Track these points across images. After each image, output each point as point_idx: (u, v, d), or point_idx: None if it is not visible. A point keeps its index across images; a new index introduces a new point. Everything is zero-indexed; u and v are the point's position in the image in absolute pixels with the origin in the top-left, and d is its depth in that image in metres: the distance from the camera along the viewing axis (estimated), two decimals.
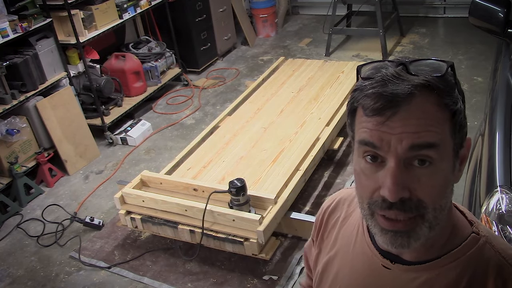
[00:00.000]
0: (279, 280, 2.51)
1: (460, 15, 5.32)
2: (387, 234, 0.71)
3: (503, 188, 1.61)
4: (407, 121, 0.65)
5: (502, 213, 1.56)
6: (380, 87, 0.67)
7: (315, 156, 2.94)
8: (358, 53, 5.00)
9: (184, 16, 4.64)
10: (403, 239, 0.70)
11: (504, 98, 2.08)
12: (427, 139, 0.65)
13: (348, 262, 0.87)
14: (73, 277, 2.72)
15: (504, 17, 2.37)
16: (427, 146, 0.66)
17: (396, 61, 0.70)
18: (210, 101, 4.46)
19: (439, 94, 0.67)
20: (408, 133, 0.65)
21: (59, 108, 3.54)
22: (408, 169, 0.67)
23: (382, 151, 0.68)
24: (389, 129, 0.66)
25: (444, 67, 0.69)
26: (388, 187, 0.66)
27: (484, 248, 0.75)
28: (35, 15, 3.32)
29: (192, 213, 2.56)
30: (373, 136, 0.68)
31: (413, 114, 0.65)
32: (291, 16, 6.22)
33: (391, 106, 0.66)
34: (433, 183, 0.67)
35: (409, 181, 0.67)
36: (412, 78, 0.67)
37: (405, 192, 0.67)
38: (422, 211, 0.68)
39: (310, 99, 3.54)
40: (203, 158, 3.04)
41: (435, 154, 0.66)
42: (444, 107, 0.67)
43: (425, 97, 0.66)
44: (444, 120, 0.67)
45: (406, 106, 0.65)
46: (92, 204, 3.30)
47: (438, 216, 0.70)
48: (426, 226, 0.69)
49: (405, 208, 0.68)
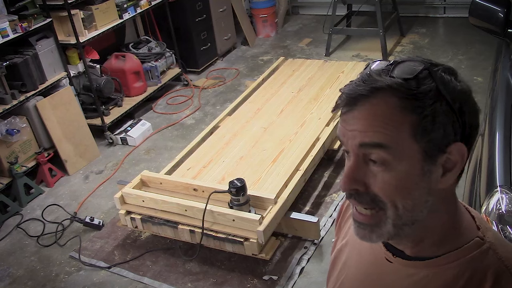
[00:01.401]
0: (279, 280, 2.51)
1: (460, 15, 5.32)
2: (355, 224, 0.76)
3: (503, 188, 1.61)
4: (358, 120, 0.70)
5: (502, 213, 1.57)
6: (347, 87, 0.72)
7: (315, 156, 2.94)
8: (358, 53, 5.00)
9: (184, 16, 4.64)
10: (365, 231, 0.74)
11: (504, 98, 2.08)
12: (374, 139, 0.69)
13: (356, 252, 0.90)
14: (73, 277, 2.72)
15: (504, 17, 2.37)
16: (374, 145, 0.69)
17: (392, 61, 0.73)
18: (210, 101, 4.46)
19: (401, 97, 0.68)
20: (358, 132, 0.70)
21: (59, 108, 3.54)
22: (367, 164, 0.71)
23: (344, 146, 0.73)
24: (346, 125, 0.72)
25: (417, 70, 0.70)
26: (342, 178, 0.73)
27: (486, 253, 0.75)
28: (35, 15, 3.32)
29: (192, 213, 2.56)
30: (340, 131, 0.74)
31: (364, 114, 0.69)
32: (291, 16, 6.22)
33: (347, 104, 0.71)
34: (387, 181, 0.70)
35: (365, 176, 0.71)
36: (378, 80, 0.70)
37: (357, 185, 0.71)
38: (382, 206, 0.71)
39: (310, 99, 3.54)
40: (203, 158, 3.04)
41: (386, 154, 0.69)
42: (405, 110, 0.68)
43: (383, 99, 0.69)
44: (401, 122, 0.68)
45: (360, 106, 0.69)
46: (92, 204, 3.30)
47: (402, 215, 0.71)
48: (389, 223, 0.72)
49: (361, 200, 0.72)
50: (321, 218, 2.85)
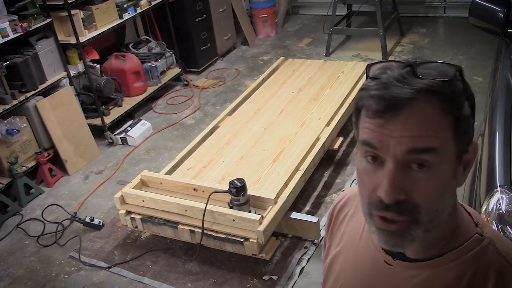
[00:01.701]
0: (279, 280, 2.51)
1: (460, 15, 5.32)
2: (382, 234, 0.72)
3: (503, 188, 1.61)
4: (406, 125, 0.66)
5: (502, 213, 1.57)
6: (383, 89, 0.68)
7: (315, 156, 2.94)
8: (358, 53, 5.00)
9: (184, 16, 4.64)
10: (397, 239, 0.71)
11: (504, 98, 2.08)
12: (426, 143, 0.66)
13: (352, 258, 0.88)
14: (73, 277, 2.72)
15: (504, 17, 2.37)
16: (425, 150, 0.66)
17: (405, 62, 0.70)
18: (210, 101, 4.46)
19: (443, 99, 0.67)
20: (407, 137, 0.66)
21: (59, 108, 3.54)
22: (407, 171, 0.68)
23: (381, 152, 0.69)
24: (388, 131, 0.67)
25: (452, 71, 0.68)
26: (385, 188, 0.68)
27: (487, 249, 0.75)
28: (35, 15, 3.32)
29: (192, 213, 2.56)
30: (373, 138, 0.69)
31: (413, 118, 0.66)
32: (291, 16, 6.22)
33: (392, 109, 0.66)
34: (431, 186, 0.68)
35: (406, 184, 0.68)
36: (416, 81, 0.67)
37: (401, 194, 0.68)
38: (416, 216, 0.69)
39: (310, 99, 3.54)
40: (203, 158, 3.04)
41: (434, 158, 0.67)
42: (447, 112, 0.67)
43: (428, 101, 0.66)
44: (446, 125, 0.67)
45: (407, 110, 0.66)
46: (92, 204, 3.30)
47: (434, 219, 0.70)
48: (421, 230, 0.70)
49: (400, 210, 0.69)
50: (321, 218, 2.85)
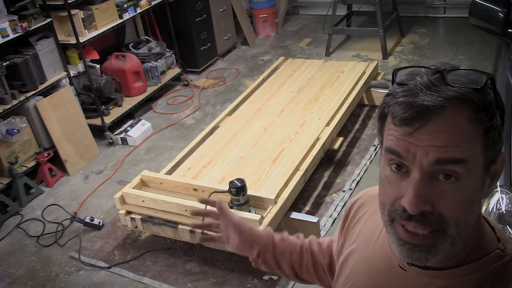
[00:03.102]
0: (279, 280, 2.51)
1: (460, 15, 5.32)
2: (404, 246, 0.70)
3: (503, 188, 1.61)
4: (435, 134, 0.63)
5: (502, 213, 1.57)
6: (411, 96, 0.65)
7: (315, 156, 2.94)
8: (358, 53, 5.00)
9: (184, 16, 4.64)
10: (421, 253, 0.69)
11: (504, 98, 2.08)
12: (454, 154, 0.63)
13: (366, 258, 0.87)
14: (73, 277, 2.72)
15: (504, 17, 2.37)
16: (453, 161, 0.64)
17: (434, 68, 0.68)
18: (210, 101, 4.46)
19: (473, 108, 0.64)
20: (435, 147, 0.64)
21: (59, 108, 3.54)
22: (433, 182, 0.65)
23: (407, 162, 0.66)
24: (416, 140, 0.64)
25: (483, 80, 0.66)
26: (410, 199, 0.65)
27: (508, 267, 0.72)
28: (35, 15, 3.32)
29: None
30: (399, 146, 0.66)
31: (442, 127, 0.63)
32: (291, 16, 6.22)
33: (420, 117, 0.64)
34: (458, 199, 0.65)
35: (432, 195, 0.65)
36: (446, 89, 0.64)
37: (426, 205, 0.66)
38: (444, 226, 0.67)
39: (310, 99, 3.54)
40: (203, 158, 3.03)
41: (463, 170, 0.64)
42: (477, 122, 0.64)
43: (458, 110, 0.64)
44: (475, 135, 0.64)
45: (436, 119, 0.63)
46: (92, 204, 3.30)
47: (461, 232, 0.68)
48: (448, 242, 0.68)
49: (425, 221, 0.66)
50: (321, 218, 2.85)
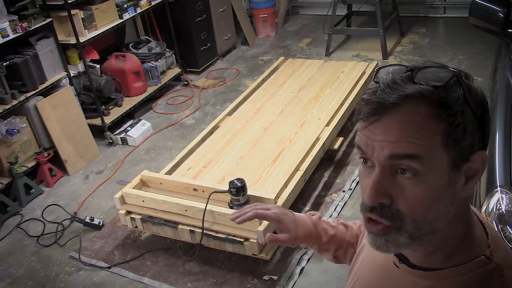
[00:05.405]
0: (279, 280, 2.51)
1: (460, 15, 5.32)
2: (370, 235, 0.72)
3: (503, 188, 1.62)
4: (388, 129, 0.66)
5: (502, 213, 1.57)
6: (372, 93, 0.68)
7: (315, 156, 2.94)
8: (358, 53, 5.00)
9: (184, 16, 4.64)
10: (381, 241, 0.71)
11: (504, 98, 2.08)
12: (407, 150, 0.65)
13: (371, 253, 0.89)
14: (73, 277, 2.72)
15: (504, 17, 2.37)
16: (407, 156, 0.65)
17: (409, 66, 0.70)
18: (210, 101, 4.46)
19: (432, 105, 0.66)
20: (388, 142, 0.66)
21: (59, 108, 3.54)
22: (394, 176, 0.68)
23: (368, 156, 0.69)
24: (372, 135, 0.68)
25: (448, 77, 0.67)
26: (367, 191, 0.68)
27: (491, 275, 0.72)
28: (35, 15, 3.32)
29: (192, 213, 2.56)
30: (360, 140, 0.70)
31: (396, 123, 0.66)
32: (291, 16, 6.22)
33: (375, 113, 0.67)
34: (417, 194, 0.67)
35: (392, 189, 0.68)
36: (406, 87, 0.66)
37: (384, 198, 0.68)
38: (398, 223, 0.69)
39: (310, 99, 3.54)
40: (203, 158, 3.04)
41: (419, 165, 0.65)
42: (437, 119, 0.66)
43: (415, 107, 0.66)
44: (434, 132, 0.66)
45: (391, 115, 0.66)
46: (92, 204, 3.30)
47: (422, 228, 0.69)
48: (405, 237, 0.70)
49: (383, 214, 0.69)
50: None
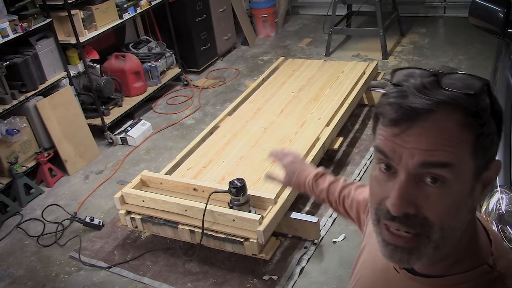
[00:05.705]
0: (279, 280, 2.51)
1: (460, 15, 5.32)
2: (387, 247, 0.70)
3: (503, 188, 1.62)
4: (421, 137, 0.63)
5: (502, 213, 1.57)
6: (401, 98, 0.65)
7: (315, 156, 2.93)
8: (358, 53, 5.00)
9: (184, 16, 4.64)
10: (403, 255, 0.69)
11: (504, 98, 2.08)
12: (440, 158, 0.63)
13: (373, 255, 0.88)
14: (73, 277, 2.72)
15: (504, 17, 2.37)
16: (439, 165, 0.63)
17: (431, 71, 0.67)
18: (210, 101, 4.46)
19: (464, 114, 0.63)
20: (421, 150, 0.63)
21: (59, 108, 3.54)
22: (419, 185, 0.65)
23: (394, 162, 0.66)
24: (402, 142, 0.65)
25: (478, 85, 0.65)
26: (393, 200, 0.65)
27: (494, 284, 0.71)
28: (35, 15, 3.32)
29: (192, 213, 2.56)
30: (386, 146, 0.67)
31: (429, 131, 0.63)
32: (291, 16, 6.22)
33: (407, 119, 0.64)
34: (443, 203, 0.65)
35: (417, 198, 0.65)
36: (438, 93, 0.64)
37: (410, 208, 0.66)
38: (428, 229, 0.66)
39: (310, 99, 3.54)
40: (203, 158, 3.04)
41: (449, 174, 0.64)
42: (468, 128, 0.64)
43: (447, 114, 0.63)
44: (465, 140, 0.64)
45: (423, 122, 0.63)
46: (92, 204, 3.30)
47: (446, 236, 0.67)
48: (431, 246, 0.67)
49: (409, 223, 0.67)
50: (321, 218, 2.85)
